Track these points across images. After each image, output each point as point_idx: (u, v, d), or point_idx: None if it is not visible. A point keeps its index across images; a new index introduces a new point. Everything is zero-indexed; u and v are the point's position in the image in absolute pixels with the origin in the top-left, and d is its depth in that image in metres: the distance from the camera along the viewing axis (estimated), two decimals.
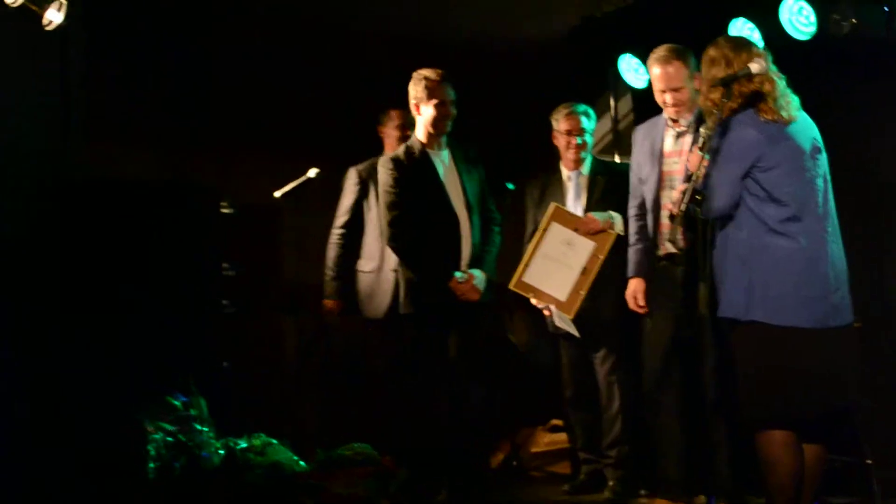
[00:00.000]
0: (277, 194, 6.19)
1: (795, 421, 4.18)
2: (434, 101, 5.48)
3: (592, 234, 5.56)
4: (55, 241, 5.49)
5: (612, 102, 7.28)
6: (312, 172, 6.15)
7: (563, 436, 6.45)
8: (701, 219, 4.18)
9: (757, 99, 4.22)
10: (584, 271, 5.52)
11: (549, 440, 6.49)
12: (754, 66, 4.17)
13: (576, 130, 5.85)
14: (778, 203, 4.18)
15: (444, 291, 5.37)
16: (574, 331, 5.60)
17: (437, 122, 5.51)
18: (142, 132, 6.87)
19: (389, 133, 6.26)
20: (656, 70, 5.18)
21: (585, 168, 5.91)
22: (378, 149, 6.30)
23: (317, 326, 6.69)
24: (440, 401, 5.42)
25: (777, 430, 4.17)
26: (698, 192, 4.11)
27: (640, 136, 5.38)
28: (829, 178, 4.34)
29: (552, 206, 5.70)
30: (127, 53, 6.48)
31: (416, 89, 5.54)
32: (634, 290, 5.24)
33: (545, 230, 5.63)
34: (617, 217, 5.56)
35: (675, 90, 5.12)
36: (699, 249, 4.25)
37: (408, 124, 6.10)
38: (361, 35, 6.87)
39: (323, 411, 6.54)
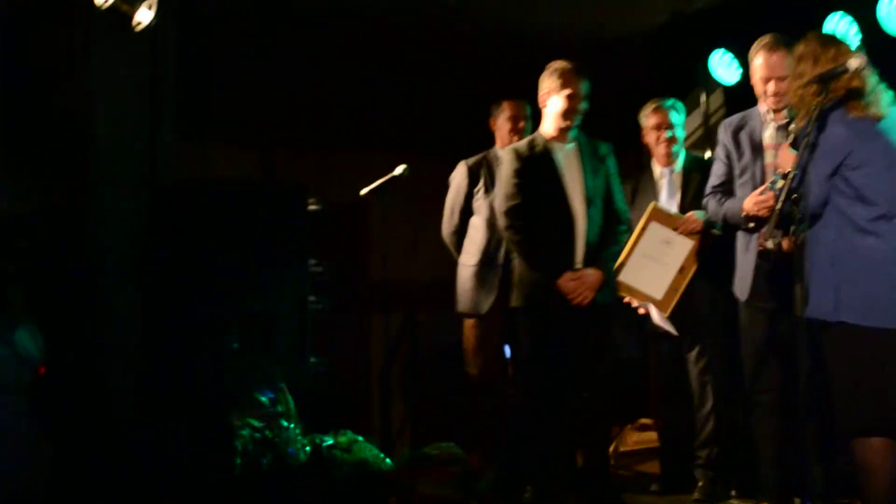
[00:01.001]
0: (363, 192, 6.16)
1: (891, 426, 4.07)
2: (566, 92, 5.41)
3: (692, 233, 5.47)
4: (152, 240, 5.58)
5: (702, 98, 7.16)
6: (399, 169, 6.11)
7: (652, 435, 6.35)
8: (798, 218, 4.06)
9: (848, 96, 4.13)
10: (682, 270, 5.46)
11: (637, 439, 6.40)
12: (853, 63, 4.07)
13: (665, 124, 5.77)
14: (867, 202, 4.09)
15: (555, 287, 5.31)
16: (672, 329, 5.54)
17: (566, 114, 5.43)
18: (233, 131, 6.92)
19: (501, 125, 6.16)
20: (760, 58, 5.06)
21: (678, 164, 5.82)
22: (482, 144, 6.25)
23: (405, 324, 6.68)
24: (544, 398, 5.36)
25: (874, 436, 4.07)
26: (794, 191, 4.01)
27: (732, 128, 5.24)
28: None
29: (651, 205, 5.63)
30: (219, 52, 6.52)
31: (549, 80, 5.47)
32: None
33: (643, 229, 5.56)
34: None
35: (779, 79, 4.97)
36: (795, 248, 4.13)
37: (521, 116, 6.06)
38: (455, 32, 6.86)
39: (410, 409, 6.52)
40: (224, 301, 5.74)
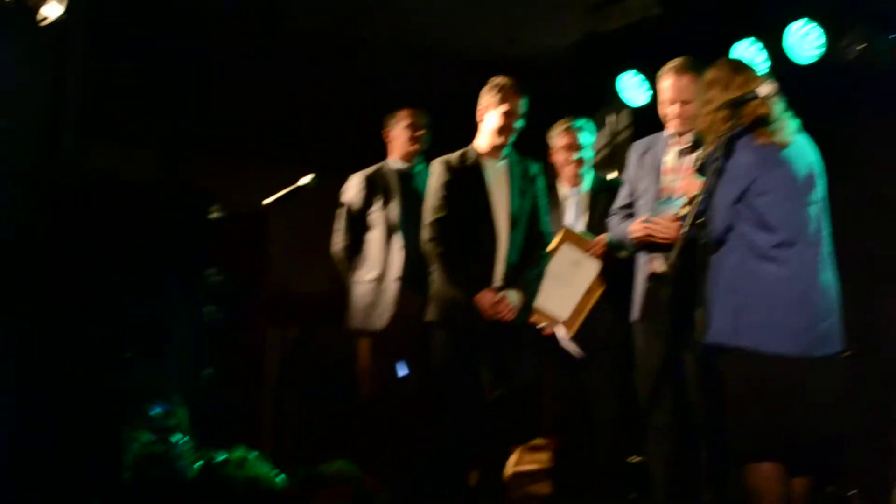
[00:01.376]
0: (267, 201, 6.02)
1: (781, 452, 4.09)
2: (503, 109, 5.37)
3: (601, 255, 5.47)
4: (42, 243, 5.39)
5: (609, 119, 7.18)
6: (306, 179, 5.98)
7: (544, 455, 6.32)
8: (701, 242, 4.06)
9: (756, 123, 4.16)
10: (588, 291, 5.46)
11: (529, 459, 6.35)
12: (763, 89, 4.09)
13: (574, 146, 5.75)
14: (769, 229, 4.11)
15: (473, 303, 5.26)
16: (577, 350, 5.53)
17: (501, 131, 5.40)
18: (138, 133, 6.76)
19: (398, 134, 6.06)
20: (668, 81, 5.07)
21: (585, 185, 5.80)
22: (375, 157, 6.15)
23: (302, 338, 6.56)
24: (458, 416, 5.32)
25: (765, 461, 4.08)
26: (700, 215, 4.01)
27: (639, 151, 5.26)
28: (826, 203, 4.26)
29: (563, 229, 5.59)
30: (125, 53, 6.36)
31: (487, 95, 5.43)
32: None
33: (555, 251, 5.53)
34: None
35: (684, 102, 4.99)
36: (697, 273, 4.12)
37: (419, 124, 5.98)
38: (361, 42, 6.78)
39: (305, 426, 6.38)
40: (117, 307, 5.56)
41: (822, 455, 4.27)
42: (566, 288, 5.47)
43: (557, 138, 5.80)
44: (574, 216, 5.77)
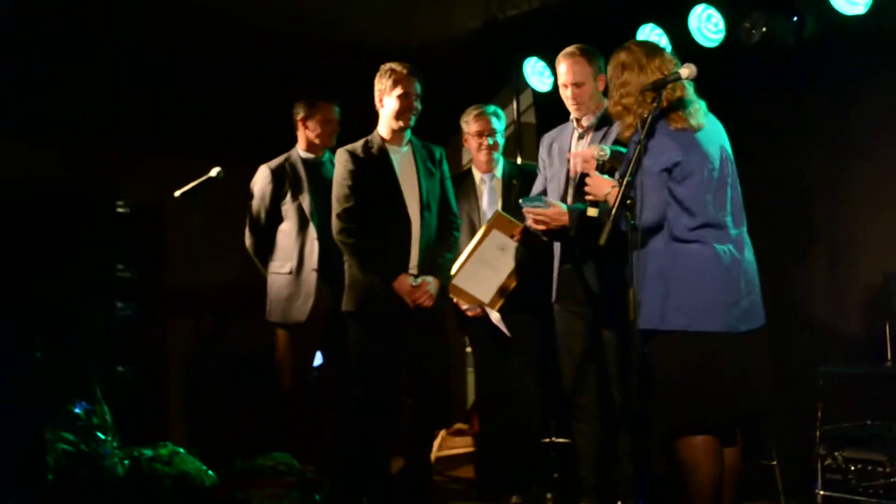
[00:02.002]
0: (177, 194, 5.93)
1: (714, 425, 4.19)
2: (398, 93, 5.35)
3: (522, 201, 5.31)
4: None
5: (514, 105, 7.24)
6: (214, 171, 5.90)
7: (467, 440, 6.39)
8: (631, 224, 4.11)
9: (671, 107, 4.21)
10: (510, 275, 5.46)
11: (452, 444, 6.42)
12: (684, 71, 4.15)
13: (487, 131, 5.78)
14: (690, 212, 4.18)
15: (390, 290, 5.25)
16: (506, 330, 5.56)
17: (399, 115, 5.37)
18: (38, 130, 6.57)
19: (312, 127, 5.97)
20: (562, 65, 5.15)
21: (498, 171, 5.84)
22: (281, 147, 6.10)
23: (214, 330, 6.49)
24: (380, 403, 5.31)
25: (696, 434, 4.18)
26: (628, 197, 4.06)
27: (547, 142, 5.35)
28: (738, 183, 4.36)
29: (495, 213, 5.56)
30: (24, 48, 6.17)
31: (381, 81, 5.40)
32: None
33: (484, 235, 5.49)
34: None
35: (577, 85, 5.08)
36: (630, 255, 4.18)
37: (333, 120, 5.94)
38: (263, 32, 6.69)
39: (222, 420, 6.31)
40: (26, 307, 5.43)
41: (749, 426, 4.42)
42: (491, 272, 5.47)
43: (469, 124, 5.82)
44: (488, 202, 5.81)
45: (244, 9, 6.52)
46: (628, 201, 4.05)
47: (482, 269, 5.48)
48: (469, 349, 6.62)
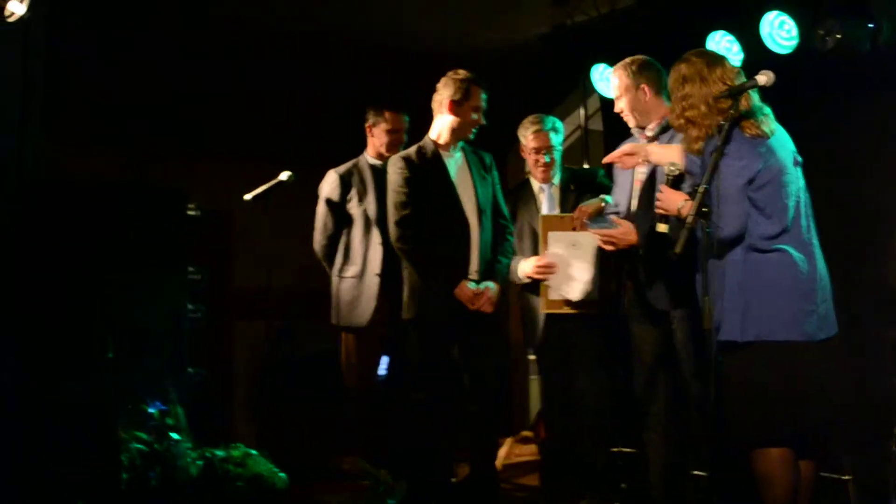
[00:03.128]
0: (247, 197, 6.00)
1: (791, 437, 4.16)
2: (471, 104, 5.36)
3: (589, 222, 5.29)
4: (20, 245, 5.29)
5: (581, 111, 7.22)
6: (285, 175, 5.96)
7: (533, 447, 6.37)
8: (707, 233, 4.08)
9: (744, 115, 4.18)
10: (597, 260, 5.38)
11: (518, 452, 6.40)
12: (762, 78, 4.11)
13: (544, 148, 5.72)
14: (769, 219, 4.15)
15: (451, 297, 5.24)
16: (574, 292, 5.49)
17: (466, 127, 5.40)
18: (106, 133, 6.66)
19: (378, 135, 6.07)
20: (612, 78, 5.22)
21: (556, 179, 5.82)
22: (348, 153, 6.14)
23: (282, 334, 6.53)
24: (442, 409, 5.31)
25: (773, 447, 4.14)
26: (705, 205, 4.03)
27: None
28: (807, 190, 4.32)
29: (540, 218, 5.56)
30: (93, 51, 6.26)
31: (451, 89, 5.38)
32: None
33: (545, 244, 5.47)
34: (606, 197, 5.40)
35: (617, 98, 5.14)
36: (702, 262, 4.15)
37: (401, 129, 5.99)
38: (331, 37, 6.74)
39: (293, 422, 6.35)
40: (98, 309, 5.48)
41: (824, 438, 4.37)
42: (577, 267, 5.41)
43: (528, 140, 5.76)
44: (548, 209, 5.77)
45: (311, 15, 6.57)
46: (704, 209, 4.03)
47: (567, 271, 5.42)
48: (532, 356, 6.62)
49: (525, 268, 5.57)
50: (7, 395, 4.92)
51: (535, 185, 5.86)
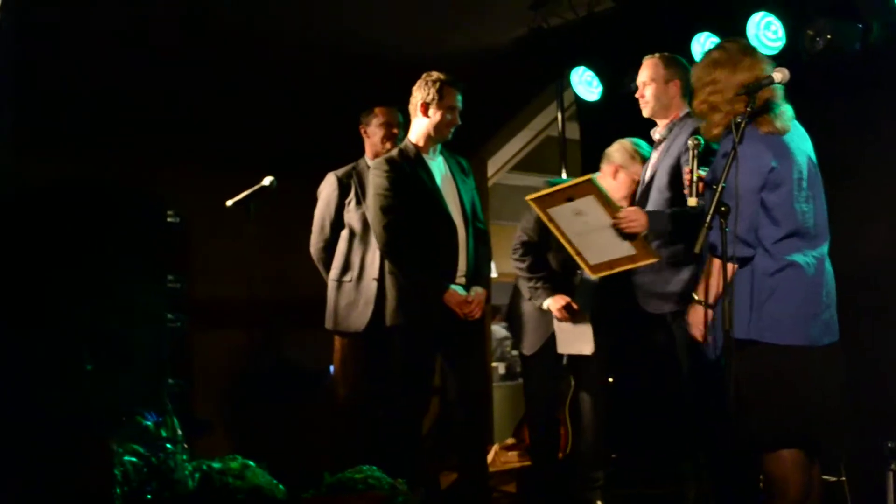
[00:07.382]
0: (229, 203, 5.86)
1: (802, 439, 4.13)
2: (446, 104, 5.30)
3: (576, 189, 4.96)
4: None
5: (558, 116, 7.18)
6: (267, 181, 5.83)
7: (513, 455, 6.30)
8: (725, 232, 4.01)
9: (760, 110, 4.08)
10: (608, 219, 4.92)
11: (504, 459, 6.33)
12: (777, 76, 4.04)
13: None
14: (776, 221, 4.09)
15: (438, 303, 5.14)
16: (588, 347, 5.47)
17: (442, 128, 5.32)
18: (78, 140, 6.49)
19: (373, 132, 5.97)
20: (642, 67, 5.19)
21: None
22: (346, 157, 6.04)
23: (268, 340, 6.40)
24: (422, 416, 5.28)
25: (786, 448, 4.10)
26: (723, 204, 3.96)
27: None
28: (822, 194, 4.25)
29: (528, 200, 5.11)
30: (66, 56, 6.09)
31: (427, 90, 5.32)
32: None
33: (550, 221, 5.02)
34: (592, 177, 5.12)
35: (643, 83, 5.12)
36: (724, 263, 4.08)
37: (394, 122, 5.88)
38: (315, 46, 6.67)
39: (279, 431, 6.21)
40: (75, 319, 5.31)
41: (829, 441, 4.33)
42: (600, 233, 4.92)
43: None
44: None
45: (293, 26, 6.52)
46: (723, 208, 3.96)
47: (592, 237, 4.96)
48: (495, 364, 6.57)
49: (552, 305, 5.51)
50: None
51: None
